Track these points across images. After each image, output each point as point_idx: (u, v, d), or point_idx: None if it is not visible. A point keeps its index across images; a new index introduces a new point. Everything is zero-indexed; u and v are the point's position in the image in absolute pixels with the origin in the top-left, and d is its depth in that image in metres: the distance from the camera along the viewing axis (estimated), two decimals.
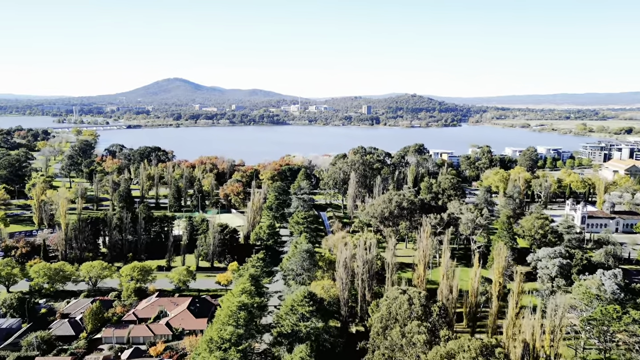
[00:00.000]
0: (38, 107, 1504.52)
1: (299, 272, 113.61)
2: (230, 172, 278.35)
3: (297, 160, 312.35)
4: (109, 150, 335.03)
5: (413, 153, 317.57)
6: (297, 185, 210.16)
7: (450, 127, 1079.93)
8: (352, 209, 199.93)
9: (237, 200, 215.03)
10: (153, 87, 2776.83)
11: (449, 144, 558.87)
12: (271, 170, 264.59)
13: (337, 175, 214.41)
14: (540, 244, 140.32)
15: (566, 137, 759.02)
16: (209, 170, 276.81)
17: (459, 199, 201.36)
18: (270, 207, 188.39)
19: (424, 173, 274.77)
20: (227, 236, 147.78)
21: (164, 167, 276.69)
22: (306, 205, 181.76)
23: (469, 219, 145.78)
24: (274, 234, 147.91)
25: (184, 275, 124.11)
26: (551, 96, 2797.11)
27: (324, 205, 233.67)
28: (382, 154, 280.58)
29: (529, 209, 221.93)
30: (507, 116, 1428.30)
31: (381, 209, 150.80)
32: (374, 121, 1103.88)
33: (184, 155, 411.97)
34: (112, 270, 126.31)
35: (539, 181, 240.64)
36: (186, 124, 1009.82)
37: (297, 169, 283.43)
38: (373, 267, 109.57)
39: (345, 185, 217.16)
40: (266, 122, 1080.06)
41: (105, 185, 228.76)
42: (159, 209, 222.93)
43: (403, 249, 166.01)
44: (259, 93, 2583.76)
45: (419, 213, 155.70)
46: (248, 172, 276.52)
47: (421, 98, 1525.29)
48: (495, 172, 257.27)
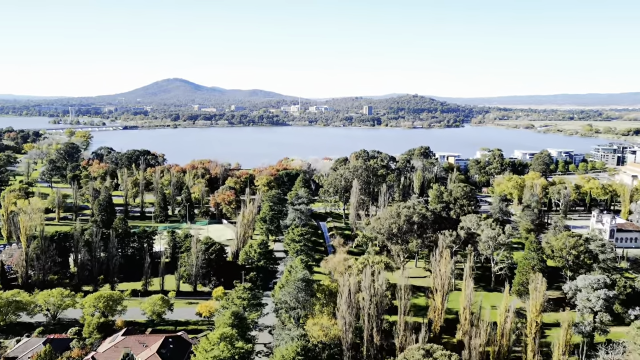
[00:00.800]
0: (35, 108, 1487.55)
1: (293, 306, 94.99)
2: (223, 178, 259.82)
3: (295, 164, 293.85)
4: (96, 153, 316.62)
5: (418, 156, 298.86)
6: (295, 194, 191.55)
7: (452, 128, 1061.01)
8: (354, 220, 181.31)
9: (228, 210, 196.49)
10: (152, 87, 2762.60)
11: (454, 146, 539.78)
12: (267, 175, 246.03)
13: (338, 182, 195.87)
14: (573, 265, 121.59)
15: (573, 139, 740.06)
16: (201, 175, 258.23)
17: (473, 209, 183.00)
18: (264, 219, 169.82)
19: (431, 179, 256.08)
20: (213, 255, 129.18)
21: (153, 172, 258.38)
22: (304, 218, 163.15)
23: (489, 236, 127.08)
24: (266, 253, 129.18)
25: (159, 305, 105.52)
26: (552, 96, 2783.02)
27: (324, 215, 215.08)
28: (386, 157, 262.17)
29: (548, 220, 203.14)
30: (510, 117, 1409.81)
31: (388, 224, 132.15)
32: (375, 122, 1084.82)
33: (176, 159, 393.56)
34: (75, 300, 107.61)
35: (557, 188, 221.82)
36: (184, 125, 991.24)
37: (295, 174, 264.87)
38: (382, 303, 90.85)
39: (347, 193, 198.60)
40: (266, 123, 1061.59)
41: (86, 193, 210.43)
42: (144, 219, 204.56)
43: (413, 267, 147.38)
44: (259, 93, 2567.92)
45: (432, 228, 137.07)
46: (242, 177, 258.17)
47: (423, 98, 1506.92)
48: (508, 178, 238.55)
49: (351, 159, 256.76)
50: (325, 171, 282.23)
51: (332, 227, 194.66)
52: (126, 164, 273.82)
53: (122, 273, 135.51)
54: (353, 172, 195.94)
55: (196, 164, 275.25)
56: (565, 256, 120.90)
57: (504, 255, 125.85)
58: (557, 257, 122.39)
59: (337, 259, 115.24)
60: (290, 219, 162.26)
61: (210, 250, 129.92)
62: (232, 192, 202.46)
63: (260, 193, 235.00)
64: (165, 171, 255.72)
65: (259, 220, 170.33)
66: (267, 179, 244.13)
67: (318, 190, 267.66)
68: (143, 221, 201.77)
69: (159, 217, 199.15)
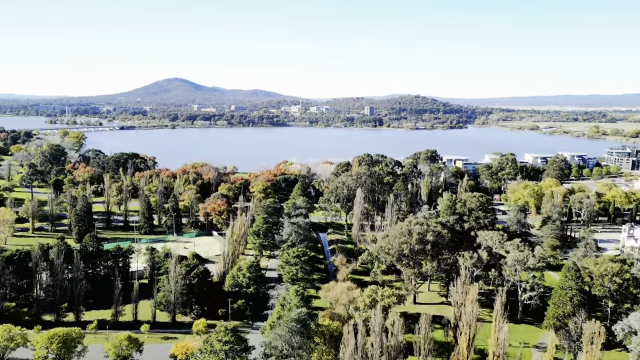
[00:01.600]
0: (34, 107, 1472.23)
1: (286, 353, 77.06)
2: (216, 183, 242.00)
3: (294, 168, 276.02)
4: (83, 156, 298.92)
5: (425, 161, 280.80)
6: (292, 203, 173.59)
7: (456, 129, 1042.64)
8: (358, 232, 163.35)
9: (219, 221, 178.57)
10: (153, 87, 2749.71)
11: (460, 149, 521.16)
12: (263, 181, 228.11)
13: (340, 191, 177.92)
14: (616, 295, 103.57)
15: (581, 141, 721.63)
16: (192, 181, 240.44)
17: (490, 222, 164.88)
18: (257, 233, 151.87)
19: (440, 185, 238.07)
20: (195, 280, 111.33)
21: (141, 177, 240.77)
22: (302, 232, 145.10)
23: (517, 259, 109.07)
24: (257, 278, 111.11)
25: (125, 347, 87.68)
26: (554, 97, 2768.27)
27: (324, 225, 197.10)
28: (391, 162, 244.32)
29: (571, 233, 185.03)
30: (514, 118, 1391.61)
31: (398, 243, 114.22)
32: (377, 123, 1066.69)
33: (169, 162, 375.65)
34: (26, 338, 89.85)
35: (578, 197, 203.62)
36: (182, 125, 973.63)
37: (293, 180, 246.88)
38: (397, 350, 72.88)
39: (349, 202, 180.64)
40: (266, 124, 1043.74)
41: (64, 201, 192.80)
42: (127, 230, 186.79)
43: (425, 291, 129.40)
44: (260, 94, 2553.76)
45: (448, 248, 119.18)
46: (237, 183, 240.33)
47: (425, 99, 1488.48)
48: (524, 185, 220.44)
49: (353, 163, 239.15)
50: (326, 176, 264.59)
51: (333, 240, 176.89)
52: (113, 168, 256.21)
53: (92, 298, 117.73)
54: (356, 179, 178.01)
55: (188, 168, 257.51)
56: (607, 284, 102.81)
57: (534, 282, 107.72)
58: (597, 286, 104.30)
59: (340, 289, 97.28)
60: (287, 233, 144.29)
61: (192, 274, 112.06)
62: (223, 201, 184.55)
63: (255, 201, 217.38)
64: (154, 176, 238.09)
65: (251, 234, 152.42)
66: (263, 185, 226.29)
67: (318, 196, 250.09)
68: (126, 232, 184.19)
69: (143, 228, 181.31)
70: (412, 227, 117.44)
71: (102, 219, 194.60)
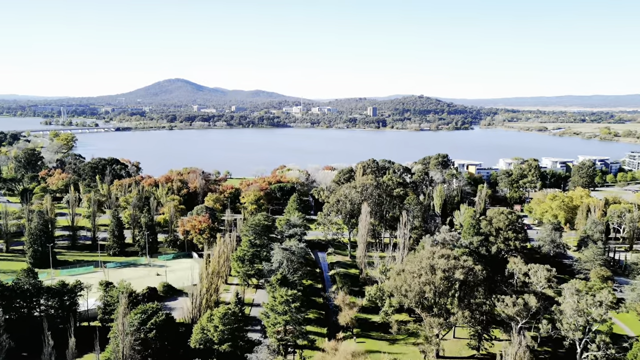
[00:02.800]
0: (32, 108, 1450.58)
1: None
2: (203, 193, 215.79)
3: (292, 175, 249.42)
4: (61, 161, 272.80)
5: (436, 166, 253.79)
6: (286, 220, 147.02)
7: (462, 130, 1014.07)
8: (363, 258, 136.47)
9: (200, 241, 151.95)
10: (154, 87, 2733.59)
11: (470, 152, 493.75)
12: (255, 191, 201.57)
13: (342, 205, 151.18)
14: None
15: (593, 143, 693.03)
16: (176, 190, 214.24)
17: (521, 244, 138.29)
18: (241, 259, 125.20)
19: (455, 195, 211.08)
20: (153, 332, 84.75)
21: (119, 186, 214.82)
22: (296, 260, 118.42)
23: (577, 308, 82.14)
24: (233, 331, 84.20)
25: None
26: (558, 98, 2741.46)
27: (324, 243, 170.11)
28: (399, 169, 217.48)
29: (613, 254, 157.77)
30: (519, 118, 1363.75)
31: (418, 284, 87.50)
32: (380, 124, 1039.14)
33: (158, 166, 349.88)
34: None
35: (616, 209, 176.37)
36: (180, 126, 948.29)
37: (290, 189, 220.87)
38: None
39: (353, 218, 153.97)
40: (266, 125, 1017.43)
41: (22, 216, 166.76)
42: (94, 249, 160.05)
43: (450, 338, 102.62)
44: (261, 94, 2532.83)
45: (483, 287, 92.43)
46: (226, 192, 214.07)
47: (429, 99, 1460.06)
48: (551, 195, 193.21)
49: (357, 170, 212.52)
50: (327, 184, 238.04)
51: (334, 263, 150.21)
52: (89, 175, 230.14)
53: (26, 349, 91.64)
54: (361, 192, 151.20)
55: (173, 176, 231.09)
56: None
57: (601, 340, 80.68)
58: None
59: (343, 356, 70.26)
60: (277, 261, 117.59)
61: (149, 324, 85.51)
62: (205, 217, 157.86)
63: (245, 214, 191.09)
64: (133, 185, 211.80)
65: (235, 260, 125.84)
66: (256, 196, 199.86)
67: (318, 207, 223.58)
68: (93, 252, 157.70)
69: (112, 249, 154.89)
70: (435, 262, 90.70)
71: (70, 235, 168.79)
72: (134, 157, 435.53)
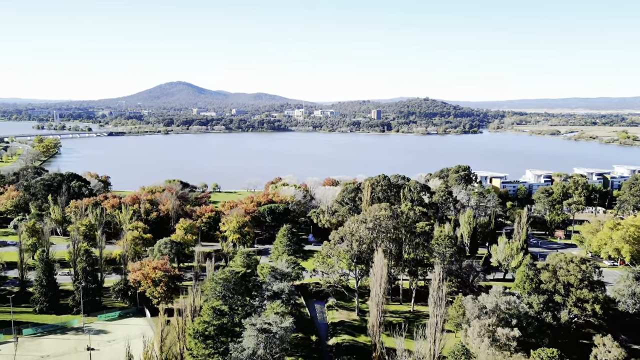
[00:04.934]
0: (28, 112, 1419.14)
1: None
2: (177, 216, 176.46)
3: (286, 192, 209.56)
4: (18, 174, 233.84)
5: (457, 181, 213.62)
6: (269, 271, 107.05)
7: (470, 134, 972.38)
8: (377, 327, 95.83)
9: (154, 294, 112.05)
10: (155, 90, 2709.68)
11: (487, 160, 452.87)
12: (237, 216, 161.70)
13: (348, 246, 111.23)
14: None
15: (613, 148, 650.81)
16: (144, 213, 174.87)
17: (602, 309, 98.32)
18: (202, 334, 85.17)
19: (485, 222, 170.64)
20: None
21: (76, 208, 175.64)
22: (279, 345, 78.47)
23: None
24: None
25: None
26: (563, 100, 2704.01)
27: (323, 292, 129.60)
28: (416, 187, 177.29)
29: None
30: (528, 121, 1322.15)
31: None
32: (385, 127, 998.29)
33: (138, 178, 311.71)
34: None
35: None
36: (177, 131, 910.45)
37: (283, 211, 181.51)
38: None
39: (362, 264, 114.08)
40: (266, 129, 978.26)
41: None
42: (20, 302, 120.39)
43: None
44: (263, 97, 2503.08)
45: None
46: (205, 216, 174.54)
47: (434, 102, 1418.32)
48: (611, 223, 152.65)
49: (365, 188, 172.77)
50: (328, 203, 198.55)
51: (337, 325, 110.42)
52: (42, 193, 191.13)
53: None
54: (374, 227, 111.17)
55: (142, 194, 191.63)
56: None
57: None
58: None
59: None
60: (249, 349, 77.54)
61: None
62: (163, 261, 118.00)
63: (224, 248, 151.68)
64: (89, 208, 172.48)
65: (191, 337, 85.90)
66: (238, 222, 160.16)
67: (317, 233, 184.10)
68: (18, 306, 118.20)
69: (39, 304, 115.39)
70: None
71: None
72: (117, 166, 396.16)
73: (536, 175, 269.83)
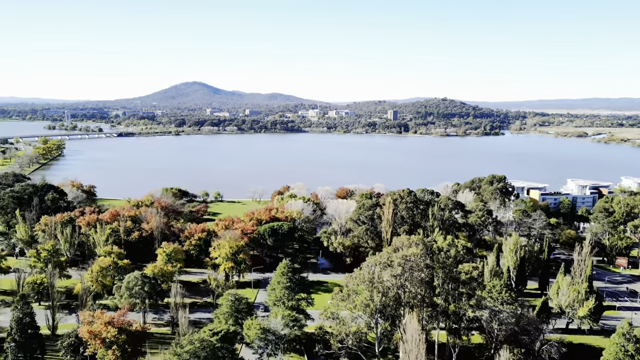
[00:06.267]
0: (42, 112, 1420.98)
1: None
2: (162, 237, 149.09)
3: (294, 207, 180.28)
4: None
5: (493, 195, 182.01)
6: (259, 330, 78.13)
7: (492, 135, 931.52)
8: None
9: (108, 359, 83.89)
10: (171, 90, 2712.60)
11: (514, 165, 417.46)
12: (232, 241, 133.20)
13: (370, 299, 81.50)
14: None
15: None
16: (123, 234, 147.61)
17: None
18: None
19: (536, 250, 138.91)
20: None
21: (46, 225, 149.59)
22: None
23: None
24: None
25: None
26: (584, 100, 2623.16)
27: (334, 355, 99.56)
28: (448, 203, 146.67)
29: None
30: (551, 122, 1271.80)
31: None
32: (402, 128, 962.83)
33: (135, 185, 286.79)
34: None
35: None
36: (188, 132, 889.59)
37: (287, 231, 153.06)
38: None
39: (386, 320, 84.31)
40: (279, 129, 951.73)
41: None
42: None
43: None
44: (278, 97, 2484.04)
45: None
46: (194, 238, 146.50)
47: (453, 102, 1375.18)
48: None
49: (386, 206, 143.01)
50: (341, 220, 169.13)
51: None
52: (12, 207, 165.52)
53: None
54: (403, 273, 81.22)
55: (125, 209, 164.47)
56: None
57: None
58: None
59: None
60: None
61: None
62: (123, 310, 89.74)
63: (211, 283, 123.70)
64: (59, 227, 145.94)
65: None
66: (232, 247, 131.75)
67: (328, 257, 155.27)
68: None
69: None
70: None
71: None
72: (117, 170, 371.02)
73: (580, 186, 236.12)
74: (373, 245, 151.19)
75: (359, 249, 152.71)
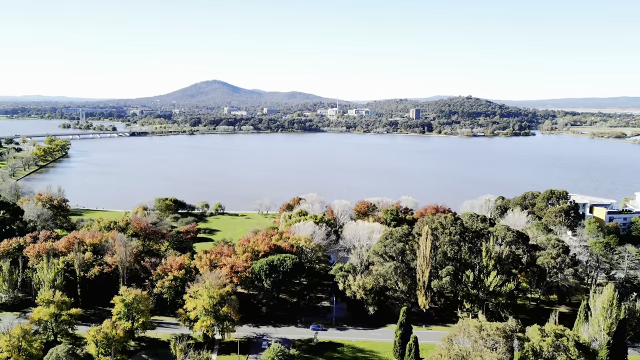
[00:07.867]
0: (62, 110, 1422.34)
1: None
2: (128, 275, 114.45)
3: (302, 230, 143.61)
4: None
5: (557, 217, 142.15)
6: None
7: (521, 136, 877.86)
8: None
9: None
10: (191, 89, 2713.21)
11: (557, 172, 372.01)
12: (213, 288, 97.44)
13: None
14: None
15: None
16: (79, 271, 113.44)
17: None
18: None
19: (638, 310, 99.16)
20: None
21: None
22: None
23: None
24: None
25: None
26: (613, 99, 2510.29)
27: None
28: (506, 235, 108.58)
29: None
30: (583, 122, 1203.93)
31: None
32: (425, 128, 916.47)
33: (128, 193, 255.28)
34: None
35: None
36: (203, 131, 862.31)
37: (292, 267, 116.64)
38: None
39: None
40: (296, 129, 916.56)
41: None
42: None
43: None
44: (298, 96, 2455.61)
45: None
46: (169, 277, 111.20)
47: (478, 100, 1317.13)
48: None
49: (423, 237, 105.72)
50: (361, 249, 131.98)
51: None
52: None
53: None
54: None
55: (88, 234, 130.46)
56: None
57: None
58: None
59: None
60: None
61: None
62: None
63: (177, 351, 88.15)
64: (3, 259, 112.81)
65: None
66: (213, 297, 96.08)
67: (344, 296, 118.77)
68: None
69: None
70: None
71: None
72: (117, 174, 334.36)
73: None
74: (404, 288, 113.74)
75: (385, 292, 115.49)
